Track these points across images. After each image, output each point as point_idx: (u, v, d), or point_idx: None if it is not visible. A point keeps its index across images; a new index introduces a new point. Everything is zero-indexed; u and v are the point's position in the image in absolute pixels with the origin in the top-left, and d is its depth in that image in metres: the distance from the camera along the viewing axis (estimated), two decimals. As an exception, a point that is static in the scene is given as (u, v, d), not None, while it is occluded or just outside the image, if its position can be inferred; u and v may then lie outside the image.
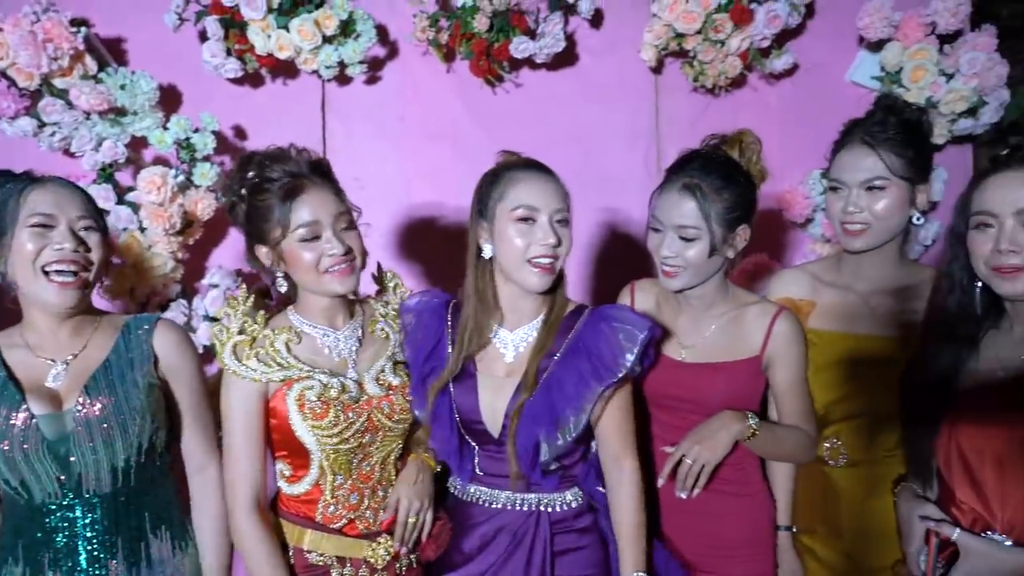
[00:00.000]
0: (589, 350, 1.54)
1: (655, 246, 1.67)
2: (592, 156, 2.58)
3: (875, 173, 1.64)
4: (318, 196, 1.50)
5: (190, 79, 2.46)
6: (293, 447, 1.53)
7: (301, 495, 1.56)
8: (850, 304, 1.74)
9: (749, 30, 2.35)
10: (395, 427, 1.59)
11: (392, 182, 2.57)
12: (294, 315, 1.60)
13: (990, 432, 1.33)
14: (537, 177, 1.56)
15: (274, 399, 1.51)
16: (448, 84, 2.56)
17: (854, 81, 2.57)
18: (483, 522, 1.58)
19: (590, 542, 1.59)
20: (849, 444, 1.71)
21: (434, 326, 1.65)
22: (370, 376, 1.59)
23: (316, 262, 1.49)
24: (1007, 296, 1.37)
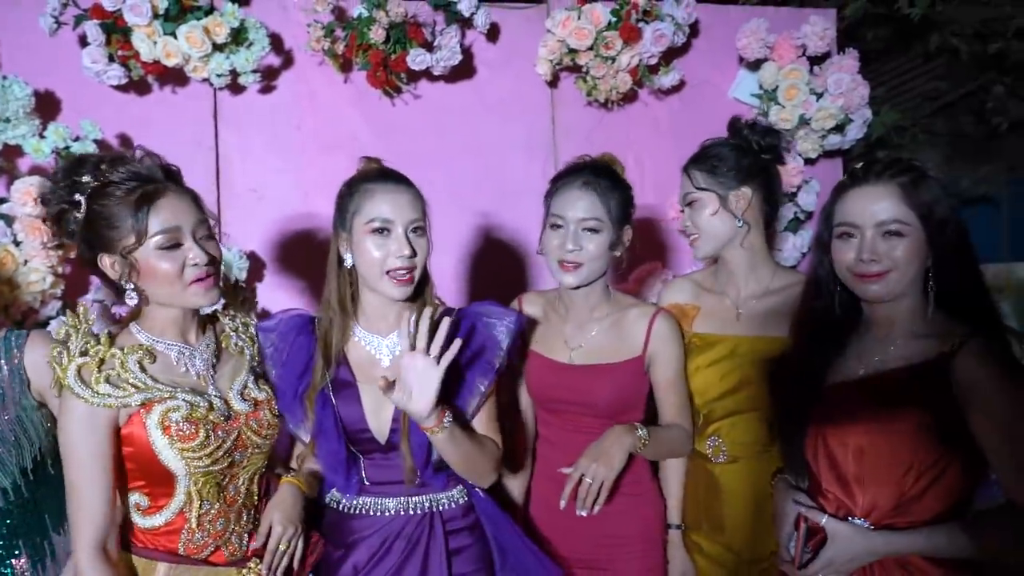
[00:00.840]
0: (468, 347, 1.57)
1: (557, 243, 1.75)
2: (490, 167, 2.63)
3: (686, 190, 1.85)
4: (176, 202, 1.41)
5: (70, 86, 2.34)
6: (155, 475, 1.41)
7: (160, 527, 1.44)
8: (725, 308, 1.87)
9: (638, 48, 2.46)
10: (263, 443, 1.54)
11: (289, 193, 2.53)
12: (140, 332, 1.47)
13: (852, 426, 1.42)
14: (391, 189, 1.56)
15: (128, 425, 1.39)
16: (345, 94, 2.55)
17: (736, 98, 2.72)
18: (372, 534, 1.57)
19: (477, 538, 1.63)
20: (729, 441, 1.81)
21: (303, 343, 1.63)
22: (234, 392, 1.52)
23: (178, 272, 1.40)
24: (869, 299, 1.47)
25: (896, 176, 1.43)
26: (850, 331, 1.54)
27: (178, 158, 2.36)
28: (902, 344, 1.45)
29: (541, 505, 1.85)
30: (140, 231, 1.37)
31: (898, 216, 1.41)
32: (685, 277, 2.07)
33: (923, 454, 1.36)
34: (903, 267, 1.41)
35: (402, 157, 2.43)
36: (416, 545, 1.55)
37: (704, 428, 1.84)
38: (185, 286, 1.42)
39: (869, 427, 1.41)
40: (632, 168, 2.74)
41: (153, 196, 1.38)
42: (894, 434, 1.38)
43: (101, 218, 1.38)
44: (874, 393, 1.43)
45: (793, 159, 2.58)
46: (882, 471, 1.40)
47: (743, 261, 1.86)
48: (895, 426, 1.38)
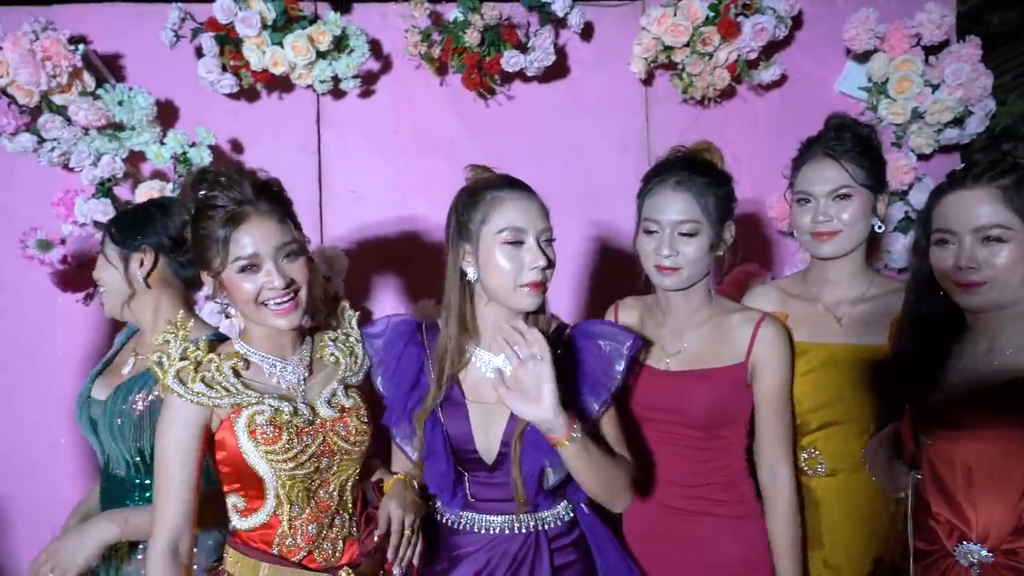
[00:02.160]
0: (581, 370, 1.52)
1: (652, 248, 1.65)
2: (583, 168, 2.61)
3: (841, 182, 1.70)
4: (260, 226, 1.43)
5: (186, 94, 2.50)
6: (246, 478, 1.46)
7: (257, 527, 1.49)
8: (818, 315, 1.78)
9: (736, 42, 2.39)
10: (352, 450, 1.54)
11: (387, 194, 2.60)
12: (240, 344, 1.53)
13: (958, 443, 1.34)
14: (521, 196, 1.50)
15: (221, 431, 1.46)
16: (441, 97, 2.60)
17: (842, 92, 2.60)
18: (476, 550, 1.52)
19: (582, 554, 1.57)
20: (826, 453, 1.73)
21: (412, 354, 1.59)
22: (322, 400, 1.54)
23: (256, 294, 1.43)
24: (970, 308, 1.39)
25: (996, 179, 1.34)
26: (953, 341, 1.45)
27: (283, 162, 2.54)
28: (1013, 354, 1.35)
29: (636, 526, 1.73)
30: (224, 255, 1.42)
31: (998, 221, 1.33)
32: (769, 284, 1.98)
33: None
34: (1004, 275, 1.32)
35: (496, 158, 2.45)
36: (521, 564, 1.50)
37: (799, 440, 1.75)
38: (260, 307, 1.45)
39: (977, 443, 1.32)
40: (729, 166, 2.60)
41: (238, 219, 1.42)
42: (1005, 451, 1.29)
43: (200, 238, 1.45)
44: (981, 407, 1.34)
45: (905, 155, 2.44)
46: (994, 491, 1.31)
47: (851, 265, 1.76)
48: (1006, 442, 1.29)
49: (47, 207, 2.34)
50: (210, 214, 1.43)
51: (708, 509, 1.65)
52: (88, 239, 2.31)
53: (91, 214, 2.29)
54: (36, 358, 2.52)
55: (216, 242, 1.42)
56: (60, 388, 2.51)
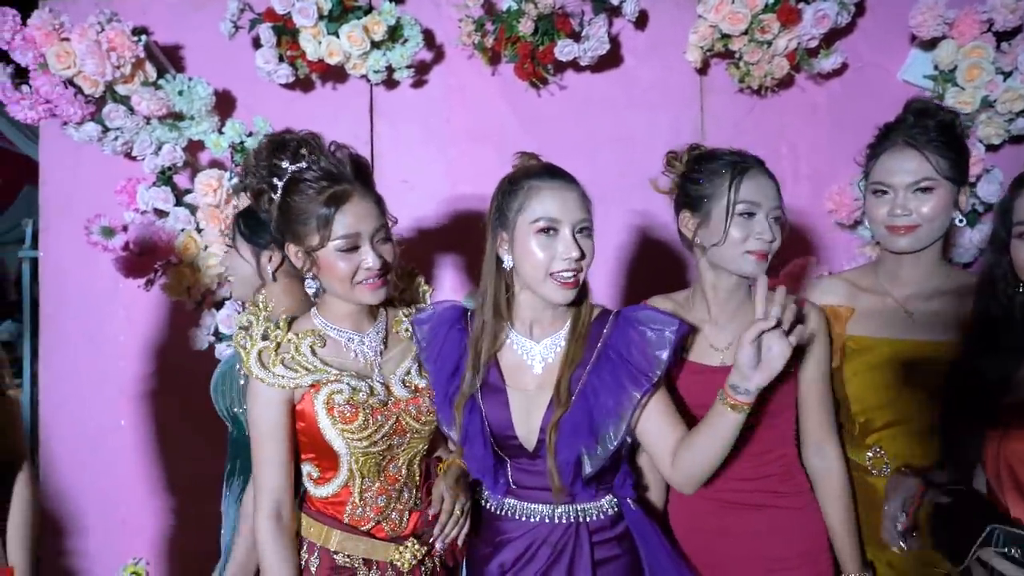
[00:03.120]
0: (622, 357, 1.51)
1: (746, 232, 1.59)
2: (637, 158, 2.58)
3: (923, 175, 1.63)
4: (362, 207, 1.47)
5: (244, 84, 2.54)
6: (321, 450, 1.52)
7: (329, 497, 1.55)
8: (888, 309, 1.72)
9: (797, 30, 2.33)
10: (422, 429, 1.58)
11: (438, 183, 2.61)
12: (318, 317, 1.57)
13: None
14: (559, 186, 1.49)
15: (302, 402, 1.51)
16: (493, 87, 2.60)
17: (906, 80, 2.51)
18: (519, 536, 1.54)
19: (626, 549, 1.56)
20: (892, 452, 1.67)
21: (455, 339, 1.61)
22: (396, 379, 1.58)
23: (352, 273, 1.47)
24: None
25: None
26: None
27: (338, 151, 2.56)
28: None
29: (688, 524, 1.71)
30: (325, 234, 1.44)
31: None
32: (837, 276, 1.91)
33: None
34: None
35: (548, 148, 2.43)
36: (562, 553, 1.51)
37: (863, 438, 1.71)
38: (355, 285, 1.49)
39: None
40: (785, 157, 2.62)
41: (341, 199, 1.44)
42: None
43: (293, 211, 1.46)
44: None
45: (973, 146, 2.35)
46: None
47: (927, 259, 1.70)
48: None
49: (111, 194, 2.41)
50: (307, 189, 1.44)
51: (769, 501, 1.63)
52: (149, 226, 2.37)
53: (152, 202, 2.35)
54: (99, 342, 2.60)
55: (316, 219, 1.44)
56: (121, 372, 2.58)
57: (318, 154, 1.47)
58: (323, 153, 1.48)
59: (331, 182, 1.45)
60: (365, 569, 1.54)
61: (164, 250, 2.37)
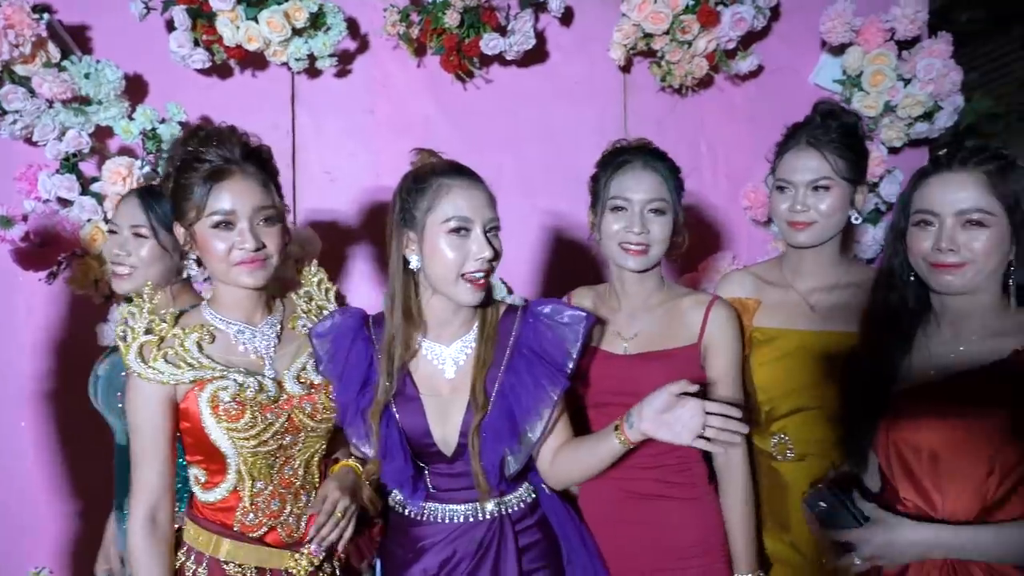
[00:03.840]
0: (536, 354, 1.51)
1: (620, 227, 1.67)
2: (561, 153, 2.61)
3: (821, 173, 1.72)
4: (241, 185, 1.44)
5: (157, 69, 2.43)
6: (207, 451, 1.46)
7: (217, 502, 1.48)
8: (791, 302, 1.81)
9: (715, 32, 2.40)
10: (318, 427, 1.52)
11: (362, 176, 2.57)
12: (208, 310, 1.52)
13: (923, 429, 1.36)
14: (468, 185, 1.48)
15: (185, 401, 1.44)
16: (418, 79, 2.57)
17: (817, 84, 2.63)
18: (441, 540, 1.52)
19: (545, 534, 1.60)
20: (795, 438, 1.75)
21: (360, 351, 1.55)
22: (290, 374, 1.52)
23: (226, 252, 1.44)
24: (944, 290, 1.41)
25: (982, 164, 1.37)
26: (918, 326, 1.47)
27: (257, 141, 2.48)
28: (976, 341, 1.39)
29: (594, 513, 1.73)
30: (200, 207, 1.43)
31: (981, 206, 1.35)
32: (743, 270, 2.00)
33: (1004, 456, 1.30)
34: (982, 259, 1.36)
35: (472, 142, 2.45)
36: (488, 549, 1.51)
37: (768, 425, 1.78)
38: (231, 266, 1.45)
39: (942, 430, 1.35)
40: (705, 156, 2.70)
41: (220, 175, 1.43)
42: (970, 437, 1.32)
43: (179, 188, 1.46)
44: (946, 394, 1.37)
45: (876, 148, 2.47)
46: (960, 476, 1.34)
47: (826, 254, 1.79)
48: (970, 429, 1.32)
49: (9, 182, 2.26)
50: (195, 167, 1.44)
51: (663, 492, 1.67)
52: (52, 216, 2.25)
53: (55, 190, 2.22)
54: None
55: (195, 194, 1.43)
56: (21, 370, 2.44)
57: (220, 140, 1.46)
58: (224, 139, 1.47)
59: (214, 159, 1.44)
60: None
61: (68, 241, 2.25)
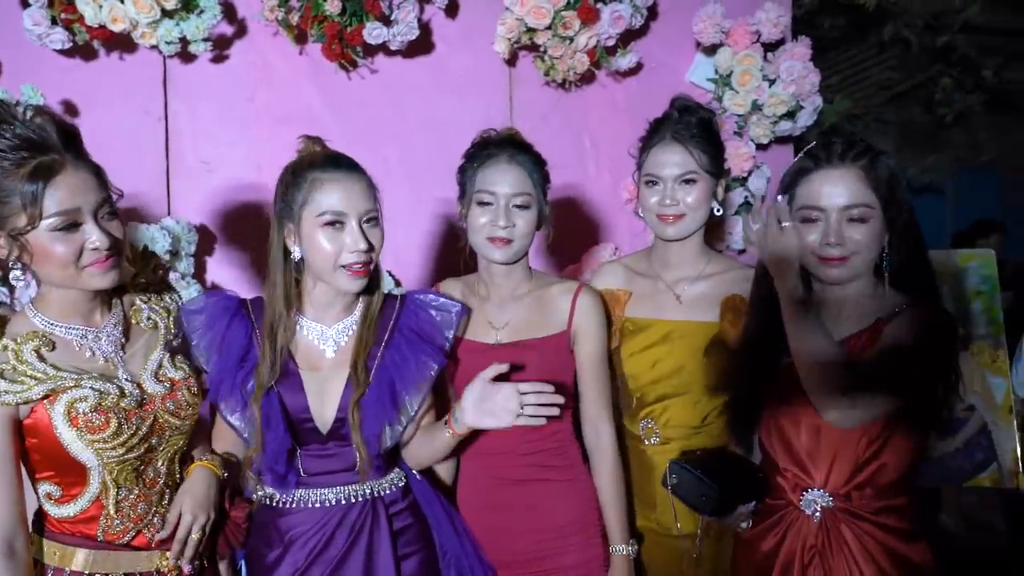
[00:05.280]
0: (416, 335, 1.60)
1: (486, 220, 1.71)
2: (447, 145, 2.55)
3: (688, 168, 1.80)
4: (77, 178, 1.27)
5: (11, 48, 2.27)
6: (64, 466, 1.33)
7: (76, 515, 1.36)
8: (659, 292, 1.89)
9: (596, 28, 2.46)
10: (182, 424, 1.46)
11: (241, 166, 2.48)
12: (37, 316, 1.36)
13: (804, 405, 1.46)
14: (342, 177, 1.49)
15: (31, 417, 1.30)
16: (300, 67, 2.51)
17: (692, 82, 2.74)
18: (309, 528, 1.52)
19: (417, 518, 1.64)
20: (661, 423, 1.83)
21: (239, 327, 1.57)
22: (148, 374, 1.43)
23: (75, 255, 1.28)
24: (830, 281, 1.51)
25: (858, 159, 1.46)
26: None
27: (126, 127, 2.37)
28: (852, 323, 1.49)
29: (470, 502, 1.79)
30: (34, 213, 1.23)
31: (863, 200, 1.45)
32: (616, 261, 2.09)
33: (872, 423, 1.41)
34: (865, 251, 1.46)
35: (357, 132, 2.42)
36: (360, 532, 1.53)
37: (638, 411, 1.86)
38: (80, 269, 1.30)
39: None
40: (588, 149, 2.77)
41: (50, 171, 1.24)
42: None
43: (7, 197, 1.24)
44: None
45: (745, 144, 2.62)
46: (837, 443, 1.46)
47: (691, 246, 1.87)
48: None
49: None
50: (2, 163, 1.23)
51: (539, 475, 1.74)
52: None
53: None
54: None
55: (20, 196, 1.23)
56: None
57: (11, 121, 1.25)
58: (16, 120, 1.25)
59: (34, 152, 1.24)
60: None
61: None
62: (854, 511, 1.46)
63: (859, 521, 1.45)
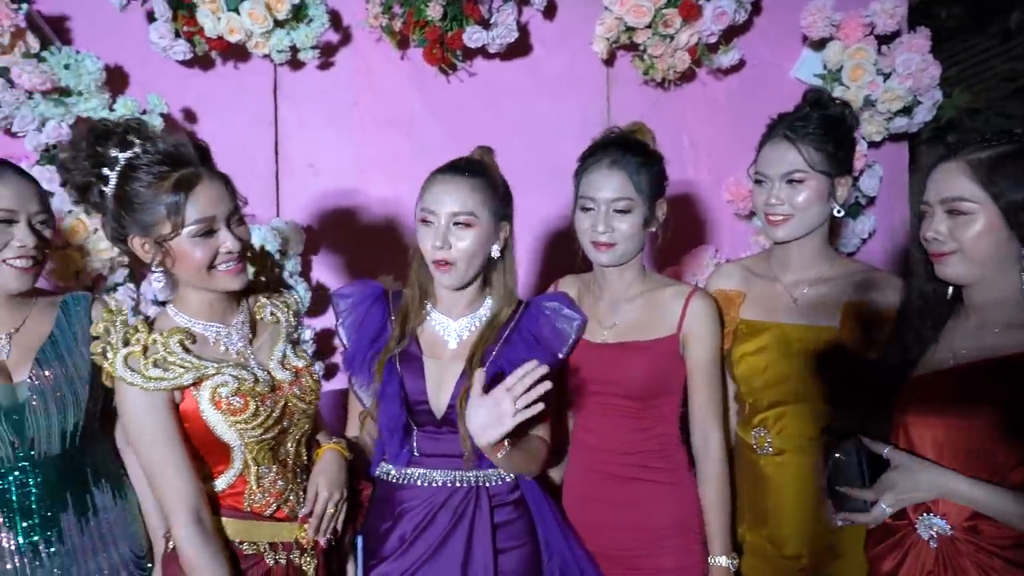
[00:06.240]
0: (533, 335, 1.66)
1: (588, 225, 1.74)
2: (544, 147, 2.61)
3: (794, 167, 1.70)
4: (212, 189, 1.40)
5: (138, 60, 2.41)
6: (210, 446, 1.46)
7: (225, 489, 1.50)
8: (776, 294, 1.81)
9: (697, 25, 2.41)
10: (308, 409, 1.58)
11: (345, 169, 2.57)
12: (178, 315, 1.49)
13: (933, 417, 1.37)
14: (442, 179, 1.62)
15: (182, 403, 1.43)
16: (402, 71, 2.57)
17: (798, 78, 2.65)
18: (419, 504, 1.61)
19: (521, 513, 1.65)
20: (775, 432, 1.75)
21: (377, 311, 1.72)
22: (275, 363, 1.56)
23: (210, 260, 1.41)
24: (943, 279, 1.41)
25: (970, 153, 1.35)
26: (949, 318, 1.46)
27: (238, 132, 2.48)
28: (999, 334, 1.36)
29: (573, 493, 1.82)
30: (177, 221, 1.36)
31: (963, 194, 1.34)
32: (734, 262, 2.02)
33: (1003, 454, 1.30)
34: (968, 247, 1.34)
35: (456, 135, 2.46)
36: (462, 517, 1.58)
37: (750, 418, 1.80)
38: (213, 272, 1.43)
39: (949, 420, 1.36)
40: (687, 149, 2.71)
41: (190, 183, 1.37)
42: (973, 429, 1.32)
43: (134, 201, 1.37)
44: (957, 384, 1.36)
45: (858, 142, 2.50)
46: (959, 468, 1.34)
47: (810, 247, 1.78)
48: (974, 421, 1.32)
49: (-12, 173, 2.24)
50: (147, 176, 1.36)
51: (641, 475, 1.73)
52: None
53: (35, 182, 2.21)
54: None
55: (164, 207, 1.36)
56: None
57: (150, 140, 1.38)
58: (155, 138, 1.39)
59: (175, 166, 1.37)
60: (272, 552, 1.52)
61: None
62: (978, 543, 1.33)
63: (983, 555, 1.32)
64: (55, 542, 1.54)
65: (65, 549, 1.54)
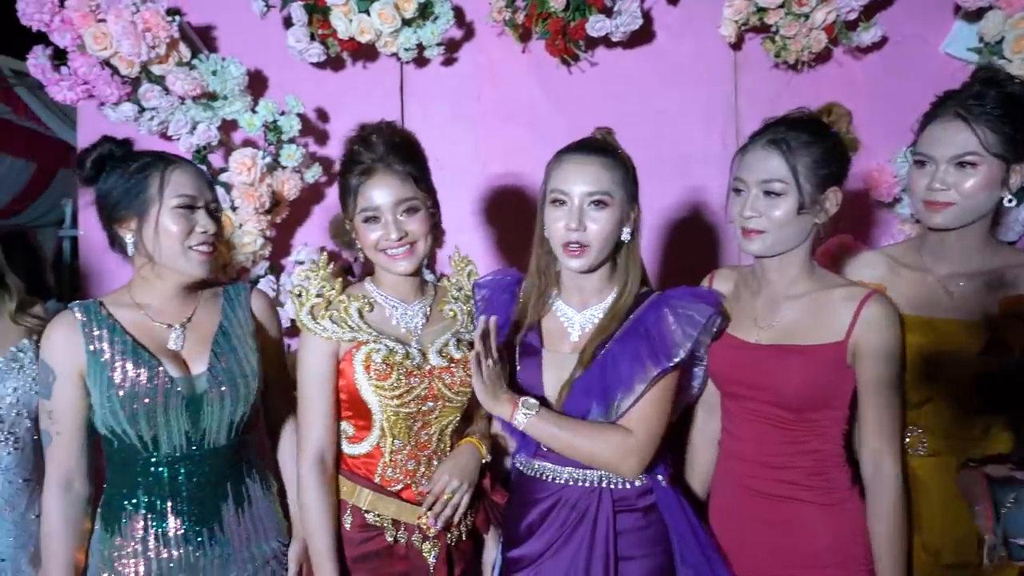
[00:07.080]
0: (648, 332, 1.53)
1: (737, 209, 1.59)
2: (669, 135, 2.55)
3: (967, 148, 1.54)
4: (384, 181, 1.60)
5: (275, 64, 2.55)
6: (357, 407, 1.62)
7: (361, 455, 1.65)
8: (927, 287, 1.66)
9: (835, 2, 2.27)
10: (455, 399, 1.66)
11: (469, 162, 2.60)
12: (370, 284, 1.72)
13: None
14: (574, 159, 1.58)
15: (343, 361, 1.61)
16: (524, 64, 2.58)
17: (949, 53, 2.45)
18: (545, 497, 1.59)
19: (652, 522, 1.57)
20: (928, 432, 1.63)
21: (505, 301, 1.72)
22: (434, 348, 1.66)
23: (376, 242, 1.62)
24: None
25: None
26: None
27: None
28: None
29: (718, 509, 1.71)
30: (353, 205, 1.63)
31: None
32: (878, 251, 1.85)
33: None
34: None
35: (578, 126, 2.41)
36: (584, 516, 1.55)
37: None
38: (378, 253, 1.64)
39: None
40: (823, 134, 2.56)
41: (368, 174, 1.61)
42: None
43: (341, 186, 1.68)
44: None
45: (1019, 121, 2.27)
46: None
47: (971, 237, 1.62)
48: None
49: (147, 174, 2.43)
50: (351, 167, 1.64)
51: (792, 494, 1.58)
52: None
53: (187, 181, 2.37)
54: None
55: (349, 192, 1.63)
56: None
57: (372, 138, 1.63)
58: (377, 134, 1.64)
59: (366, 159, 1.61)
60: (393, 529, 1.62)
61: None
62: None
63: None
64: (217, 531, 1.62)
65: (225, 538, 1.62)
